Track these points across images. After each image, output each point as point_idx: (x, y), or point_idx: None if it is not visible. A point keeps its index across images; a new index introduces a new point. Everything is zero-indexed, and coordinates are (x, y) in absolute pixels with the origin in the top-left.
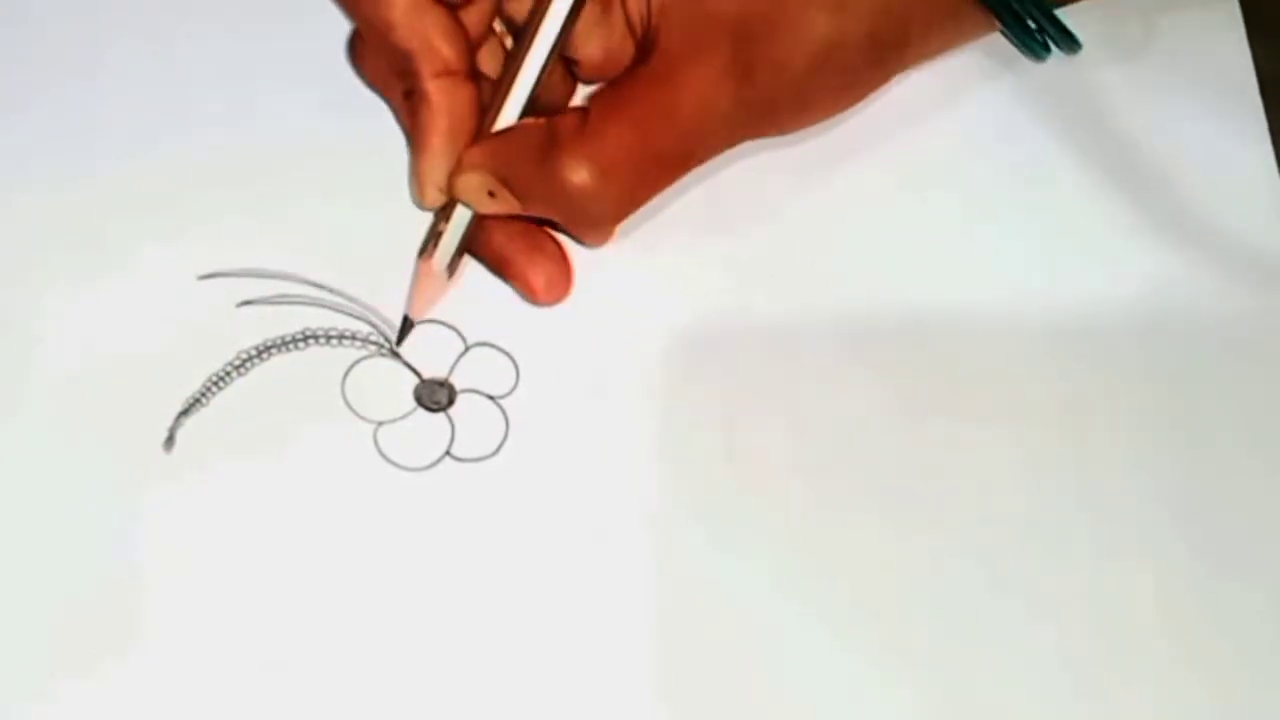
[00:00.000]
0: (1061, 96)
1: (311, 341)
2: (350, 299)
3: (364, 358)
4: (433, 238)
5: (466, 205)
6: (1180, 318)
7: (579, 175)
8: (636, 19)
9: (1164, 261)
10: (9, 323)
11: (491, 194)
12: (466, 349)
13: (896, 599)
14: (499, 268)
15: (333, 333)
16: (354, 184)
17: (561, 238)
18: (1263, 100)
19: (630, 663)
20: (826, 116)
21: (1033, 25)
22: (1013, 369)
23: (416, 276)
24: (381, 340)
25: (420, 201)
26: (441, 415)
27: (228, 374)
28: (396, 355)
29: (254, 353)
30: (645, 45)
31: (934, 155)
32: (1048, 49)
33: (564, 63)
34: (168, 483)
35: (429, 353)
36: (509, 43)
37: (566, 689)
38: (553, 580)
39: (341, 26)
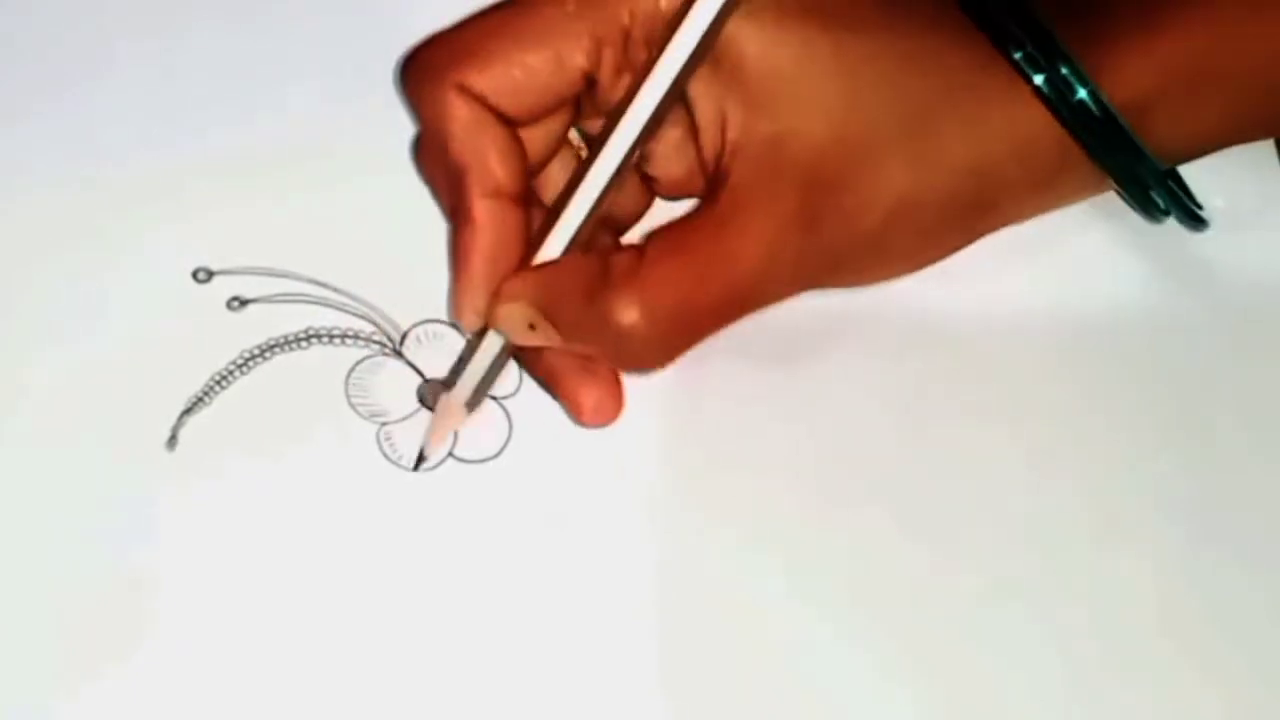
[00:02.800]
0: None
1: (315, 341)
2: (354, 298)
3: (367, 357)
4: (460, 369)
5: (502, 335)
6: (1182, 317)
7: (629, 317)
8: (708, 154)
9: (1166, 261)
10: (11, 320)
11: (532, 326)
12: None
13: (899, 598)
14: (549, 383)
15: (336, 332)
16: (358, 183)
17: None
18: None
19: (634, 663)
20: (900, 274)
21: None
22: (1016, 368)
23: (438, 407)
24: (385, 340)
25: (456, 320)
26: None
27: (231, 373)
28: (400, 355)
29: (257, 352)
30: (715, 182)
31: None
32: (1168, 214)
33: (643, 179)
34: (170, 482)
35: (432, 353)
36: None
37: (570, 689)
38: (556, 581)
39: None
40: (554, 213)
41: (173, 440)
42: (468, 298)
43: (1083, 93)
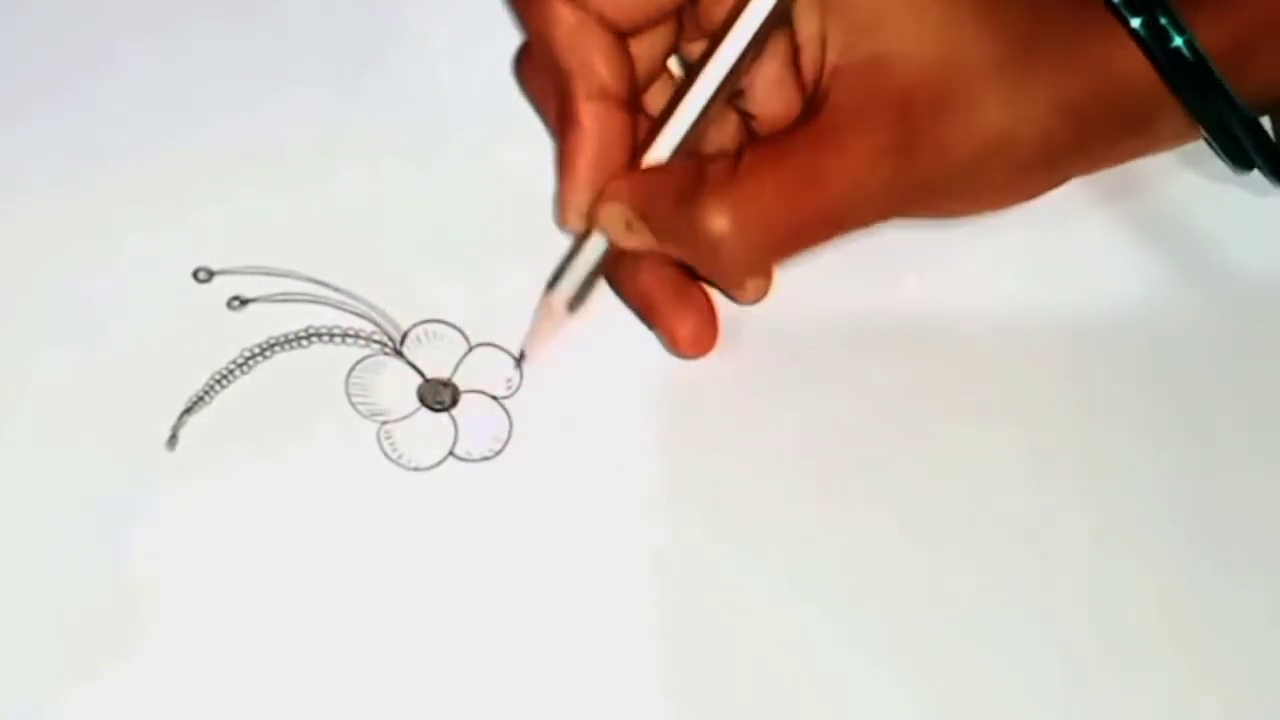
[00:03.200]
0: None
1: (315, 340)
2: (354, 297)
3: (367, 356)
4: (563, 270)
5: (603, 235)
6: (1182, 317)
7: (718, 223)
8: (808, 74)
9: (1167, 260)
10: (11, 320)
11: (629, 227)
12: (470, 349)
13: (899, 598)
14: (645, 312)
15: (336, 331)
16: (358, 182)
17: (712, 292)
18: None
19: (634, 663)
20: (988, 210)
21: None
22: (1017, 368)
23: (539, 309)
24: (385, 339)
25: (561, 224)
26: (445, 415)
27: (231, 372)
28: (400, 354)
29: (257, 351)
30: (813, 103)
31: None
32: (1251, 166)
33: (741, 117)
34: (171, 481)
35: (432, 352)
36: None
37: (570, 689)
38: (556, 581)
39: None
40: (658, 122)
41: (173, 440)
42: (572, 198)
43: (1179, 40)
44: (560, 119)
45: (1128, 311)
